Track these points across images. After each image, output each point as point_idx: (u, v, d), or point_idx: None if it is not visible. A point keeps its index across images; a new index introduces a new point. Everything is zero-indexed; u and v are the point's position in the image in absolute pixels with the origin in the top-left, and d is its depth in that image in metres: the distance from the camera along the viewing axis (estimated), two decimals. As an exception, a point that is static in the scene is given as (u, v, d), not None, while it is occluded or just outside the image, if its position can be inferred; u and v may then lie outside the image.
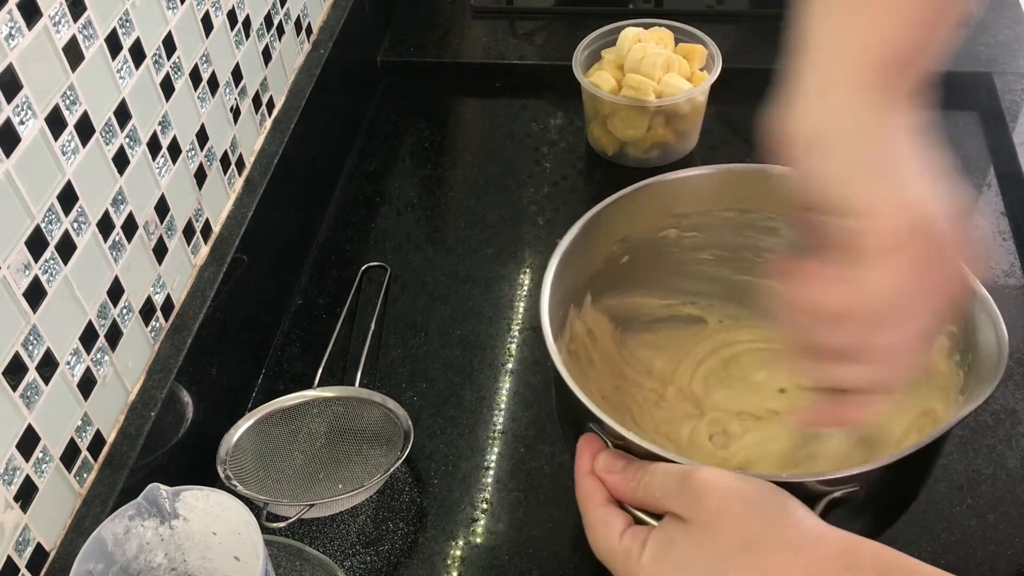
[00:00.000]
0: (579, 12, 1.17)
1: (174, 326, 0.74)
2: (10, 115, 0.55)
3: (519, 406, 0.80)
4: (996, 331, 0.56)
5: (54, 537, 0.61)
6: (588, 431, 0.56)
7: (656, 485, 0.50)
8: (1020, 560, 0.68)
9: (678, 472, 0.49)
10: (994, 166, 0.97)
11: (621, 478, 0.52)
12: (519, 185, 1.00)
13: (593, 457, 0.54)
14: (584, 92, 0.98)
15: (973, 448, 0.74)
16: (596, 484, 0.53)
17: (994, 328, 0.57)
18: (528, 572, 0.70)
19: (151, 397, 0.69)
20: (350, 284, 0.90)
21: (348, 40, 1.04)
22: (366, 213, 0.99)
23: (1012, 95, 0.99)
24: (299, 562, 0.65)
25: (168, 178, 0.73)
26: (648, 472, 0.51)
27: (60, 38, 0.60)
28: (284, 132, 0.90)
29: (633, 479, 0.51)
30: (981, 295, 0.58)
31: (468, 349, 0.85)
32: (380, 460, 0.73)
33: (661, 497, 0.49)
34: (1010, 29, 1.08)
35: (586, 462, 0.54)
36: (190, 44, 0.75)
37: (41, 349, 0.59)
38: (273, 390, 0.82)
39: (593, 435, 0.55)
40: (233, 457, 0.72)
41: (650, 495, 0.50)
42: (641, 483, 0.51)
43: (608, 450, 0.54)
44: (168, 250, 0.73)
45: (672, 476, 0.49)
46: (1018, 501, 0.71)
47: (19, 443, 0.57)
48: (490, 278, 0.91)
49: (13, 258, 0.56)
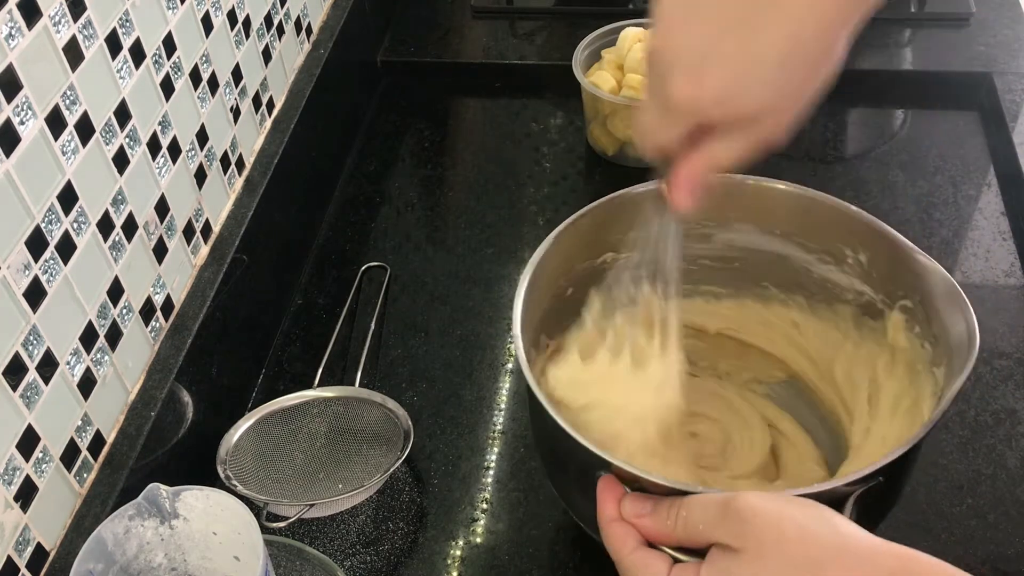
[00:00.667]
0: (579, 12, 1.17)
1: (174, 326, 0.74)
2: (10, 115, 0.55)
3: (519, 406, 0.80)
4: (957, 302, 0.56)
5: (54, 537, 0.61)
6: (599, 476, 0.54)
7: (696, 518, 0.48)
8: (1020, 560, 0.68)
9: (718, 501, 0.47)
10: (994, 166, 0.97)
11: (654, 520, 0.50)
12: (519, 185, 1.00)
13: (618, 502, 0.52)
14: (584, 92, 0.98)
15: (973, 448, 0.74)
16: (627, 529, 0.51)
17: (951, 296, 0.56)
18: (528, 572, 0.70)
19: (151, 397, 0.69)
20: (350, 284, 0.90)
21: (348, 40, 1.04)
22: (366, 213, 0.99)
23: (1012, 95, 0.99)
24: (299, 562, 0.65)
25: (168, 178, 0.73)
26: (685, 507, 0.49)
27: (60, 38, 0.59)
28: (284, 132, 0.90)
29: (669, 517, 0.49)
30: (932, 268, 0.58)
31: (468, 349, 0.85)
32: (380, 460, 0.73)
33: (704, 530, 0.48)
34: (1010, 29, 1.08)
35: (611, 508, 0.52)
36: (190, 44, 0.75)
37: (41, 349, 0.59)
38: (273, 390, 0.82)
39: (609, 479, 0.53)
40: (233, 457, 0.72)
41: (692, 529, 0.48)
42: (679, 519, 0.49)
43: (632, 494, 0.52)
44: (168, 250, 0.73)
45: (713, 506, 0.48)
46: (1018, 501, 0.71)
47: (19, 443, 0.57)
48: (490, 278, 0.91)
49: (13, 258, 0.56)
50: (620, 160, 1.00)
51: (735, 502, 0.46)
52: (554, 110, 1.08)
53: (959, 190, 0.95)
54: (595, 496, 0.54)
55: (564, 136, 1.05)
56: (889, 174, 0.96)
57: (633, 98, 0.94)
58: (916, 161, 0.97)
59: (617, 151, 1.00)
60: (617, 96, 0.95)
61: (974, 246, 0.89)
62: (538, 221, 0.96)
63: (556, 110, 1.08)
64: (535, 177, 1.01)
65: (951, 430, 0.75)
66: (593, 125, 1.00)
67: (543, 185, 1.00)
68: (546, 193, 0.99)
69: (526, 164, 1.02)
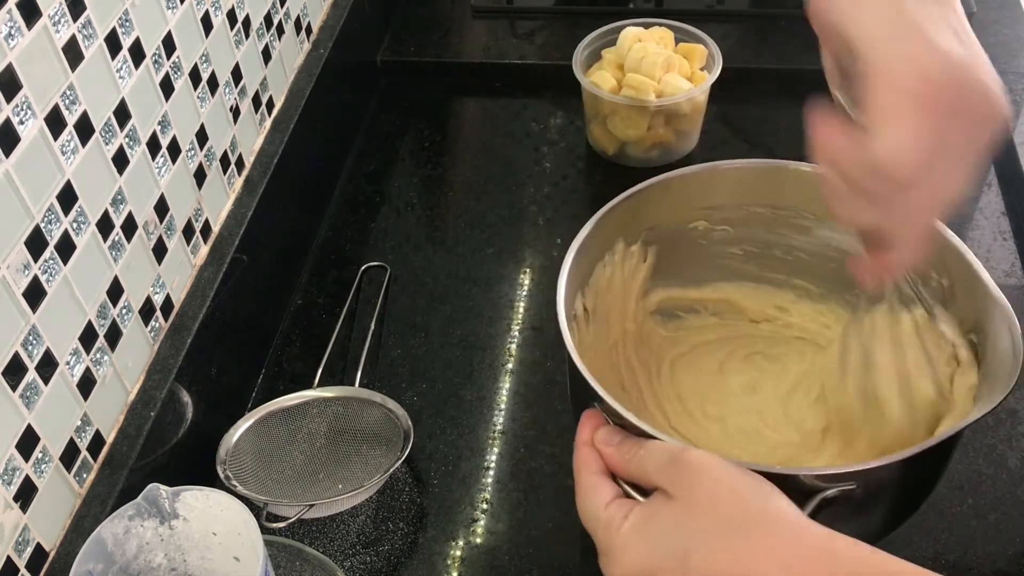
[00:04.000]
0: (579, 12, 1.17)
1: (174, 326, 0.74)
2: (10, 115, 0.55)
3: (519, 406, 0.80)
4: (1012, 336, 0.56)
5: (54, 537, 0.61)
6: (591, 407, 0.57)
7: (649, 460, 0.51)
8: (1020, 560, 0.68)
9: (672, 450, 0.51)
10: (994, 166, 0.97)
11: (617, 451, 0.54)
12: (519, 185, 1.00)
13: (594, 429, 0.56)
14: (584, 92, 0.98)
15: (973, 448, 0.74)
16: (593, 454, 0.55)
17: (1010, 333, 0.56)
18: (528, 572, 0.70)
19: (151, 397, 0.69)
20: (350, 284, 0.90)
21: (348, 40, 1.04)
22: (366, 213, 0.98)
23: (1012, 95, 0.99)
24: (299, 562, 0.65)
25: (168, 178, 0.73)
26: (644, 448, 0.52)
27: (60, 38, 0.59)
28: (284, 132, 0.90)
29: (628, 452, 0.53)
30: (1000, 301, 0.58)
31: (468, 349, 0.85)
32: (380, 460, 0.73)
33: (652, 472, 0.51)
34: (1010, 29, 1.08)
35: (586, 433, 0.56)
36: (190, 44, 0.75)
37: (41, 349, 0.59)
38: (273, 390, 0.82)
39: (595, 411, 0.57)
40: (233, 457, 0.72)
41: (642, 469, 0.51)
42: (636, 457, 0.52)
43: (608, 425, 0.56)
44: (168, 250, 0.73)
45: (666, 454, 0.51)
46: (1018, 501, 0.71)
47: (19, 443, 0.57)
48: (490, 278, 0.91)
49: (13, 258, 0.56)
50: (620, 160, 1.00)
51: (685, 454, 0.50)
52: (554, 110, 1.08)
53: (959, 190, 0.94)
54: None
55: (564, 136, 1.05)
56: (889, 174, 0.96)
57: (633, 98, 0.94)
58: (916, 161, 0.97)
59: (617, 151, 1.00)
60: (617, 96, 0.95)
61: (974, 246, 0.89)
62: (538, 221, 0.96)
63: (556, 110, 1.08)
64: (535, 177, 1.01)
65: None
66: (593, 125, 1.00)
67: (543, 185, 1.00)
68: (546, 193, 0.99)
69: (526, 164, 1.02)
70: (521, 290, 0.89)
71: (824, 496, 0.51)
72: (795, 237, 0.71)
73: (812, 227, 0.70)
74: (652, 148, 0.98)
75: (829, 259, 0.71)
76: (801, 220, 0.70)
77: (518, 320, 0.86)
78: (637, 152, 0.98)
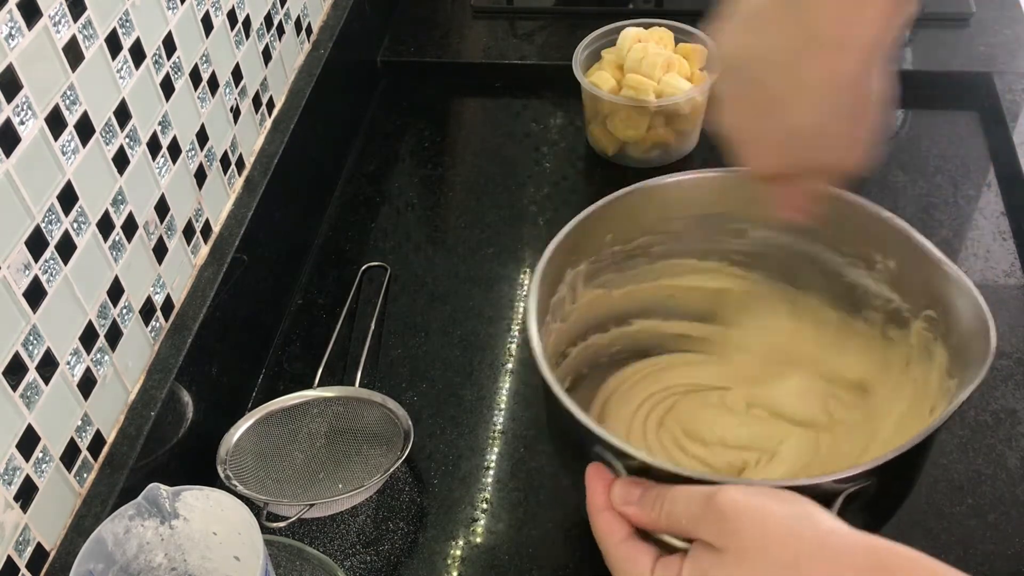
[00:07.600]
0: (579, 12, 1.17)
1: (174, 326, 0.74)
2: (10, 115, 0.55)
3: (519, 406, 0.80)
4: (975, 309, 0.56)
5: (54, 537, 0.61)
6: (594, 457, 0.53)
7: (679, 512, 0.48)
8: (1020, 560, 0.68)
9: (700, 496, 0.47)
10: (994, 166, 0.97)
11: (640, 509, 0.50)
12: (519, 185, 1.00)
13: (607, 490, 0.52)
14: (584, 92, 0.98)
15: (973, 448, 0.74)
16: (615, 518, 0.51)
17: (973, 306, 0.56)
18: (528, 572, 0.70)
19: (151, 397, 0.69)
20: (350, 284, 0.90)
21: (348, 40, 1.04)
22: (366, 213, 0.99)
23: (1012, 95, 0.99)
24: (299, 562, 0.65)
25: (168, 178, 0.73)
26: (669, 499, 0.48)
27: (60, 38, 0.60)
28: (284, 132, 0.90)
29: (654, 509, 0.49)
30: (955, 275, 0.58)
31: (468, 349, 0.85)
32: (380, 460, 0.73)
33: (687, 525, 0.47)
34: (1010, 29, 1.08)
35: (600, 496, 0.52)
36: (190, 44, 0.75)
37: (41, 349, 0.59)
38: (273, 390, 0.82)
39: (600, 465, 0.53)
40: (233, 457, 0.72)
41: (675, 522, 0.48)
42: (663, 512, 0.48)
43: (621, 479, 0.52)
44: (168, 250, 0.73)
45: (695, 502, 0.47)
46: (1018, 501, 0.71)
47: (19, 443, 0.57)
48: (490, 278, 0.91)
49: (13, 258, 0.56)
50: (620, 160, 1.00)
51: (717, 498, 0.46)
52: (554, 110, 1.08)
53: (959, 190, 0.95)
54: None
55: (564, 136, 1.05)
56: (889, 174, 0.96)
57: (633, 98, 0.94)
58: (916, 161, 0.97)
59: (617, 151, 1.00)
60: (617, 96, 0.95)
61: (974, 246, 0.89)
62: (538, 221, 0.96)
63: (556, 110, 1.08)
64: (535, 177, 1.01)
65: (951, 430, 0.75)
66: (593, 125, 1.00)
67: (543, 185, 1.00)
68: (546, 193, 0.99)
69: (526, 164, 1.02)
70: (521, 290, 0.89)
71: (847, 494, 0.51)
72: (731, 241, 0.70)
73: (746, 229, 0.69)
74: (652, 148, 0.98)
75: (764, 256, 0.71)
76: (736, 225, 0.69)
77: (518, 320, 0.86)
78: (637, 152, 0.98)
